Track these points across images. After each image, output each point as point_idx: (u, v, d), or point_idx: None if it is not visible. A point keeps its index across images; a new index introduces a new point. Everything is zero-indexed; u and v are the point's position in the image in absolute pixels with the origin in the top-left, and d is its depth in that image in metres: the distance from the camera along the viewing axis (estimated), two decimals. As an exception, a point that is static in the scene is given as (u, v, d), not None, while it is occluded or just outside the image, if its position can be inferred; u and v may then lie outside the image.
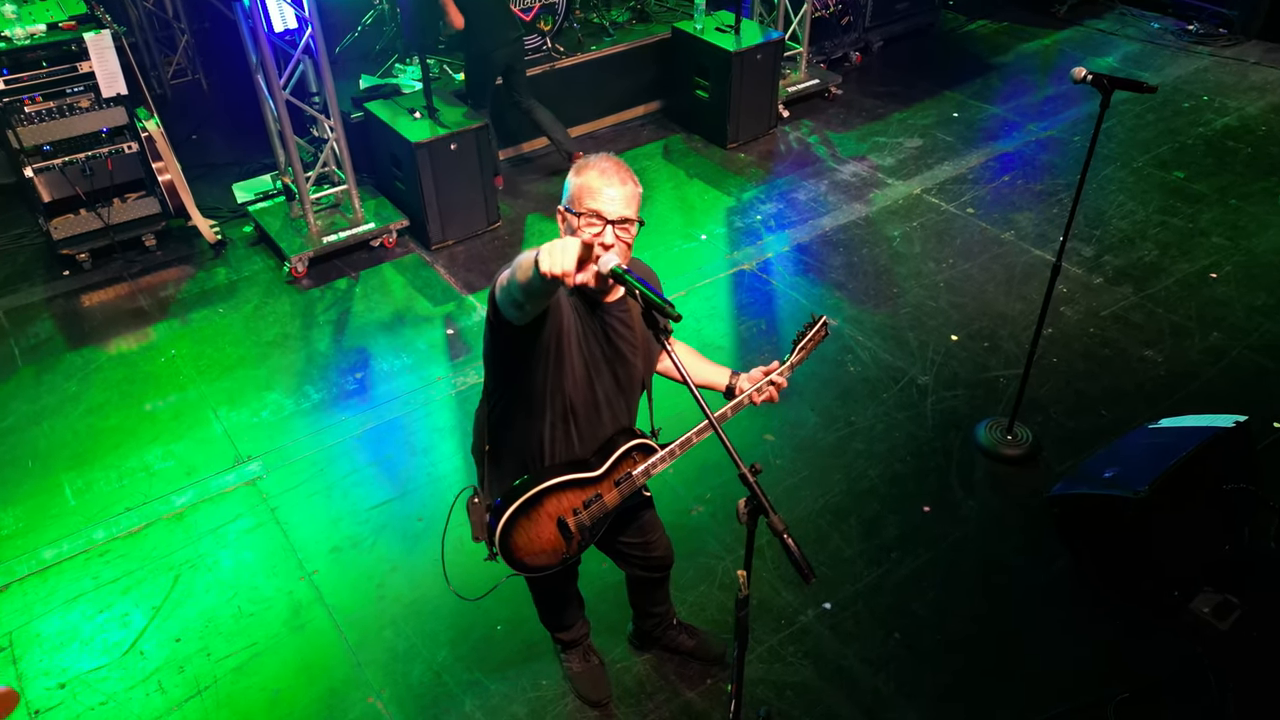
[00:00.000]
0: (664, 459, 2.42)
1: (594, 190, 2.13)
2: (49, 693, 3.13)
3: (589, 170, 2.17)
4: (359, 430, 4.16)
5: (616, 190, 2.15)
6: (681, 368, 2.03)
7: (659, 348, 2.39)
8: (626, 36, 6.58)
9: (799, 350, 2.54)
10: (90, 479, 3.93)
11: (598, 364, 2.31)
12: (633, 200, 2.19)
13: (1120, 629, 3.30)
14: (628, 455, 2.43)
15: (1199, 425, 3.51)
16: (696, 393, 1.99)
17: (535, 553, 2.46)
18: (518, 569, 2.47)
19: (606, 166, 2.17)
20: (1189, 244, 5.32)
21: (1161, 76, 7.24)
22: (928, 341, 4.64)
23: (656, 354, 2.47)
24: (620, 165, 2.21)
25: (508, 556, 2.44)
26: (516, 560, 2.46)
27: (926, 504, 3.78)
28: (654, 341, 2.36)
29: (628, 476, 2.43)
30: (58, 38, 4.68)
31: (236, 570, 3.55)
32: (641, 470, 2.43)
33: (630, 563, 2.83)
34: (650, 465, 2.42)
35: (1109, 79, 3.18)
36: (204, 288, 5.10)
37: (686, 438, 2.39)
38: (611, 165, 2.18)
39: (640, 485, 2.46)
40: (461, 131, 5.14)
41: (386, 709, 3.08)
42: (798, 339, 2.56)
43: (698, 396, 1.98)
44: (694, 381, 2.43)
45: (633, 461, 2.44)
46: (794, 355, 2.53)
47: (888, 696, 3.11)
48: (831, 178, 6.06)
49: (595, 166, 2.17)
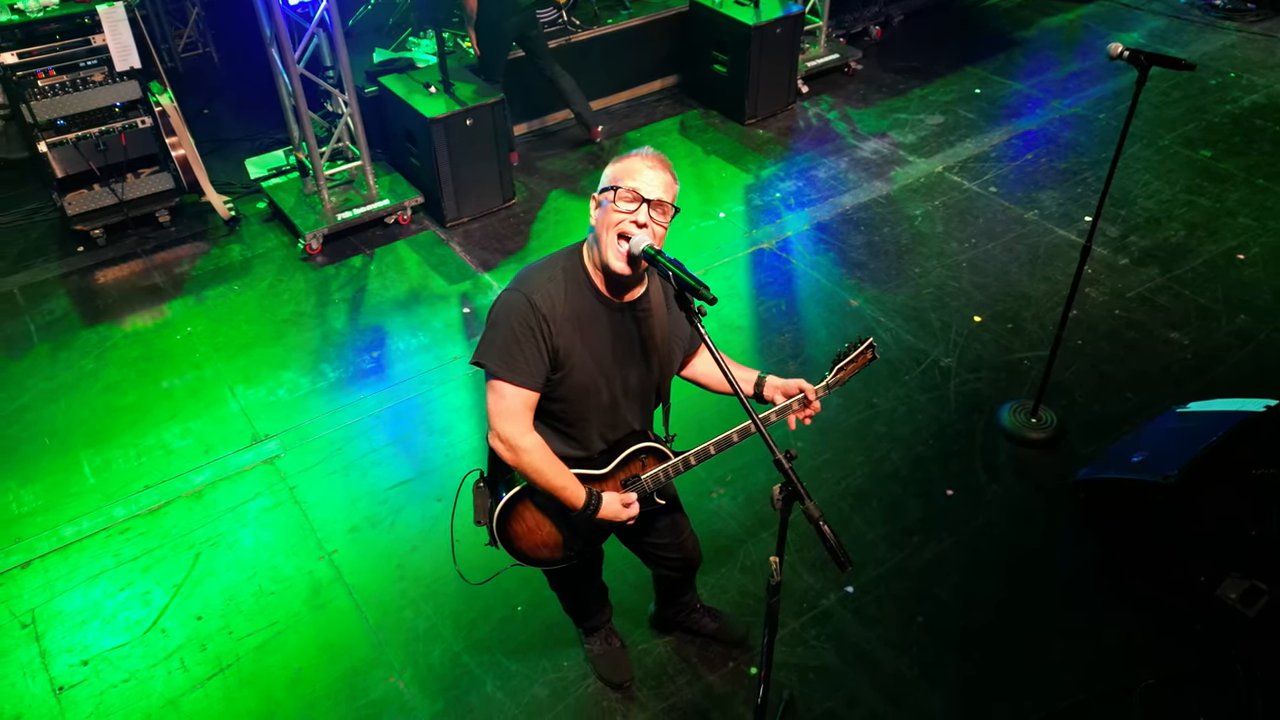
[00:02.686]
0: (676, 468, 2.38)
1: (635, 171, 2.12)
2: (71, 670, 3.14)
3: (631, 157, 2.16)
4: (376, 410, 4.13)
5: (657, 175, 2.13)
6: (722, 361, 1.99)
7: (679, 354, 2.39)
8: (643, 10, 6.47)
9: (838, 371, 2.41)
10: (109, 456, 3.92)
11: (609, 368, 2.27)
12: (670, 188, 2.16)
13: (1146, 616, 3.27)
14: (635, 458, 2.39)
15: (1229, 409, 3.46)
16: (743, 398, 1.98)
17: (536, 545, 2.45)
18: (519, 559, 2.47)
19: (649, 154, 2.18)
20: (1216, 224, 5.23)
21: (1188, 52, 7.09)
22: (950, 323, 4.58)
23: (676, 360, 2.41)
24: (663, 158, 2.19)
25: (507, 545, 2.44)
26: (516, 550, 2.45)
27: (949, 487, 3.75)
28: (672, 346, 2.33)
29: (635, 479, 2.40)
30: (71, 10, 4.62)
31: (257, 549, 3.55)
32: (650, 476, 2.39)
33: (658, 563, 2.80)
34: (661, 471, 2.38)
35: (1146, 55, 3.11)
36: (218, 264, 5.07)
37: (703, 448, 2.35)
38: (655, 155, 2.19)
39: (653, 490, 2.42)
40: (477, 106, 5.07)
41: (408, 689, 3.08)
42: (838, 358, 2.42)
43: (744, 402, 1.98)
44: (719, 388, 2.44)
45: (641, 465, 2.40)
46: (832, 375, 2.42)
47: (911, 680, 3.09)
48: (852, 155, 5.97)
49: (638, 154, 2.17)
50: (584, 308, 2.18)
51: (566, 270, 2.18)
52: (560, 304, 2.14)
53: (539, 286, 2.15)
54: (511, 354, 2.14)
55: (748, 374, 2.47)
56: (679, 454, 2.40)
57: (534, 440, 2.23)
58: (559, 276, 2.17)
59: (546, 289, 2.15)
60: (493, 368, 2.16)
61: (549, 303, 2.13)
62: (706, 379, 2.53)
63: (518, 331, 2.13)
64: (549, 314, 2.13)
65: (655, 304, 2.29)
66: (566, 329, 2.16)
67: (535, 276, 2.18)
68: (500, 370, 2.15)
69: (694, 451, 2.36)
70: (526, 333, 2.13)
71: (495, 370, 2.16)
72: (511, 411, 2.19)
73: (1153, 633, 3.21)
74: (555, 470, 2.26)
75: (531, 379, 2.17)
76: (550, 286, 2.15)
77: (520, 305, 2.13)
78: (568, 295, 2.16)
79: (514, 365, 2.15)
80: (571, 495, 2.28)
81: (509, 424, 2.20)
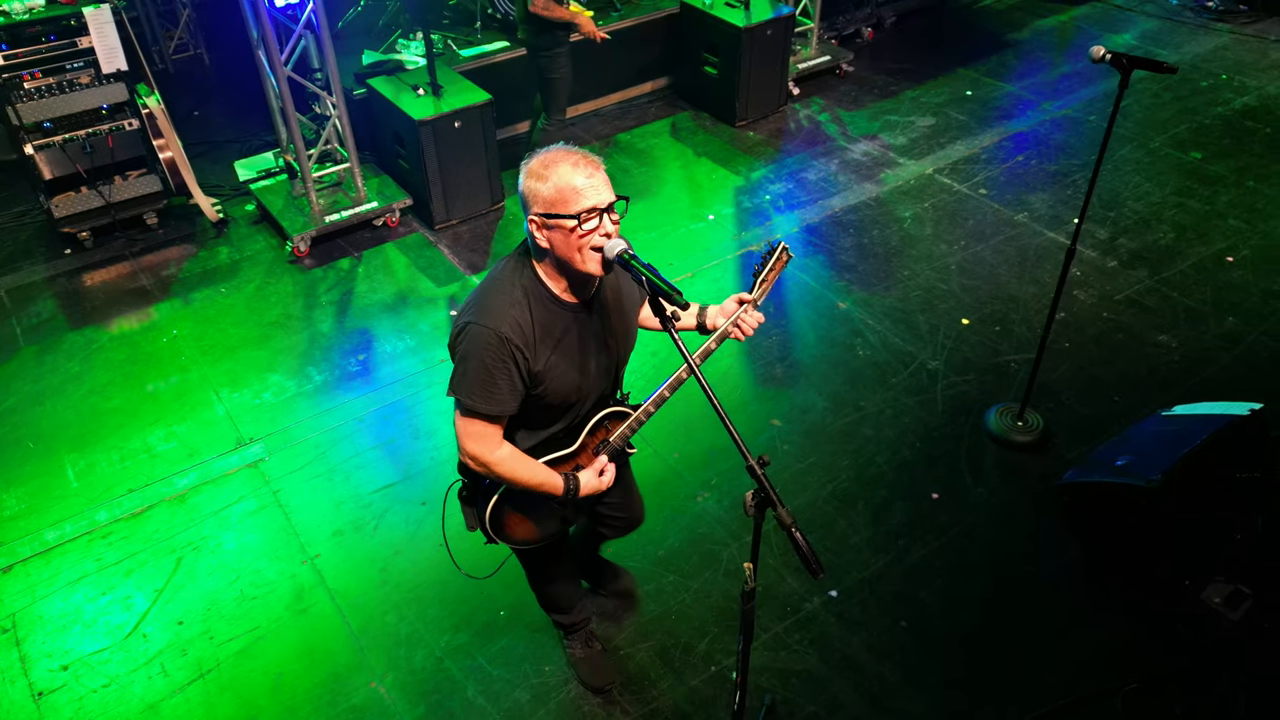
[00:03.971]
0: (639, 420, 2.42)
1: (578, 188, 2.00)
2: (51, 674, 3.13)
3: (557, 169, 2.01)
4: (362, 413, 4.12)
5: (597, 178, 2.03)
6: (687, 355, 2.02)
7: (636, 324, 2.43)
8: (634, 12, 6.45)
9: (760, 284, 2.46)
10: (92, 460, 3.91)
11: (583, 366, 2.26)
12: (608, 180, 2.09)
13: (1130, 619, 3.26)
14: (600, 425, 2.43)
15: (1213, 413, 3.45)
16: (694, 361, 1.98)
17: (532, 529, 2.51)
18: (520, 546, 2.55)
19: (573, 159, 2.03)
20: (1205, 226, 5.22)
21: (1180, 54, 7.09)
22: (938, 325, 4.57)
23: (634, 334, 2.44)
24: (582, 152, 2.06)
25: (505, 538, 2.50)
26: (517, 540, 2.52)
27: (935, 491, 3.74)
28: (630, 323, 2.37)
29: (605, 443, 2.45)
30: (57, 12, 4.60)
31: (239, 553, 3.53)
32: (618, 436, 2.44)
33: (608, 524, 2.84)
34: (626, 428, 2.43)
35: (1128, 58, 3.09)
36: (206, 267, 5.06)
37: (659, 394, 2.37)
38: (576, 156, 2.04)
39: (620, 448, 2.47)
40: (466, 109, 5.06)
41: (389, 694, 3.07)
42: (757, 272, 2.48)
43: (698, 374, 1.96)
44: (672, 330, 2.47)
45: (606, 429, 2.45)
46: (756, 290, 2.45)
47: (894, 685, 3.08)
48: (842, 157, 5.97)
49: (560, 164, 2.02)
50: (552, 322, 2.15)
51: (526, 289, 2.12)
52: (529, 327, 2.10)
53: (504, 315, 2.08)
54: (485, 387, 2.12)
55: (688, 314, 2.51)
56: (637, 407, 2.43)
57: (505, 451, 2.25)
58: (521, 299, 2.11)
59: (512, 316, 2.08)
60: (468, 403, 2.15)
61: (519, 331, 2.08)
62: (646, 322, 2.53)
63: (490, 366, 2.09)
64: (523, 343, 2.09)
65: (609, 284, 2.29)
66: (541, 350, 2.14)
67: (496, 304, 2.10)
68: (476, 404, 2.15)
69: (650, 400, 2.39)
70: (500, 367, 2.09)
71: (471, 405, 2.15)
72: (482, 435, 2.21)
73: (1137, 636, 3.21)
74: (529, 470, 2.30)
75: (504, 408, 2.17)
76: (515, 312, 2.09)
77: (490, 341, 2.07)
78: (534, 316, 2.11)
79: (489, 399, 2.14)
80: (550, 487, 2.33)
81: (478, 445, 2.22)
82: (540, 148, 2.10)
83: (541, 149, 2.08)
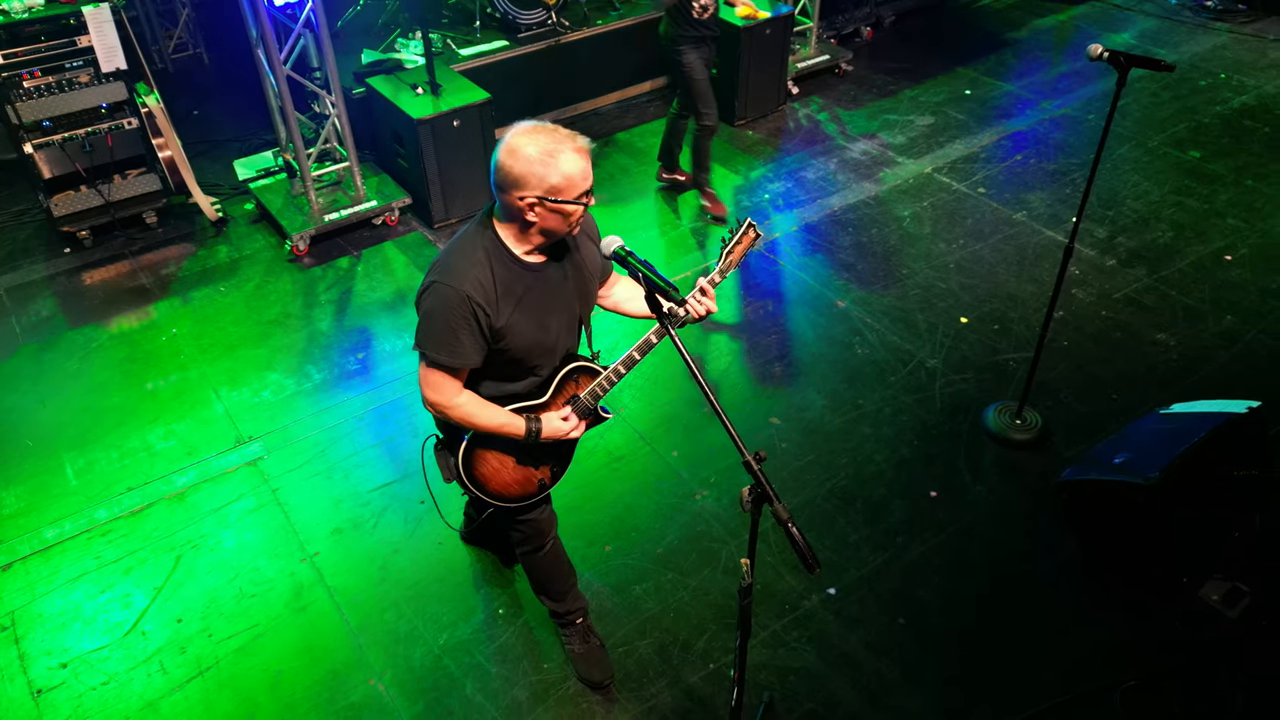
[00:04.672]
0: (609, 378, 2.48)
1: (580, 176, 2.14)
2: (51, 672, 3.13)
3: (562, 158, 2.12)
4: (361, 411, 4.13)
5: (589, 161, 2.17)
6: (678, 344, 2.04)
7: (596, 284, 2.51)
8: (633, 11, 6.46)
9: (726, 257, 2.47)
10: (92, 458, 3.91)
11: (546, 321, 2.36)
12: None
13: (1128, 617, 3.26)
14: (569, 378, 2.51)
15: (1211, 410, 3.46)
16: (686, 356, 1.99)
17: (507, 483, 2.58)
18: (497, 500, 2.60)
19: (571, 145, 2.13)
20: (1204, 225, 5.23)
21: (1179, 54, 7.10)
22: (937, 324, 4.57)
23: (594, 291, 2.51)
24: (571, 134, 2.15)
25: (481, 490, 2.56)
26: (490, 492, 2.58)
27: (934, 489, 3.74)
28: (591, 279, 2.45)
29: (575, 399, 2.51)
30: (56, 11, 4.61)
31: (238, 551, 3.54)
32: (588, 392, 2.50)
33: None
34: (596, 385, 2.49)
35: (1126, 57, 3.10)
36: (205, 266, 5.06)
37: (628, 355, 2.43)
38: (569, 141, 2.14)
39: (594, 407, 2.53)
40: (465, 108, 5.06)
41: (388, 691, 3.07)
42: (724, 244, 2.49)
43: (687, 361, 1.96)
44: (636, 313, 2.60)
45: (575, 384, 2.52)
46: (721, 262, 2.47)
47: (892, 682, 3.08)
48: (841, 156, 5.97)
49: (562, 152, 2.12)
50: (513, 281, 2.25)
51: (488, 250, 2.23)
52: (491, 286, 2.21)
53: (467, 275, 2.20)
54: (448, 342, 2.24)
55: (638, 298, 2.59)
56: (607, 367, 2.50)
57: (465, 397, 2.36)
58: (483, 259, 2.22)
59: (474, 275, 2.20)
60: (432, 355, 2.27)
61: (481, 290, 2.20)
62: (623, 304, 2.64)
63: (453, 323, 2.21)
64: (484, 301, 2.20)
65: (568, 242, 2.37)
66: (504, 307, 2.24)
67: (459, 264, 2.22)
68: (440, 358, 2.27)
69: (620, 361, 2.46)
70: (462, 323, 2.21)
71: (435, 358, 2.27)
72: (441, 384, 2.32)
73: (1135, 634, 3.21)
74: (488, 413, 2.39)
75: (467, 361, 2.28)
76: (476, 271, 2.20)
77: (452, 298, 2.19)
78: (495, 274, 2.22)
79: (451, 352, 2.26)
80: (512, 429, 2.42)
81: (440, 393, 2.34)
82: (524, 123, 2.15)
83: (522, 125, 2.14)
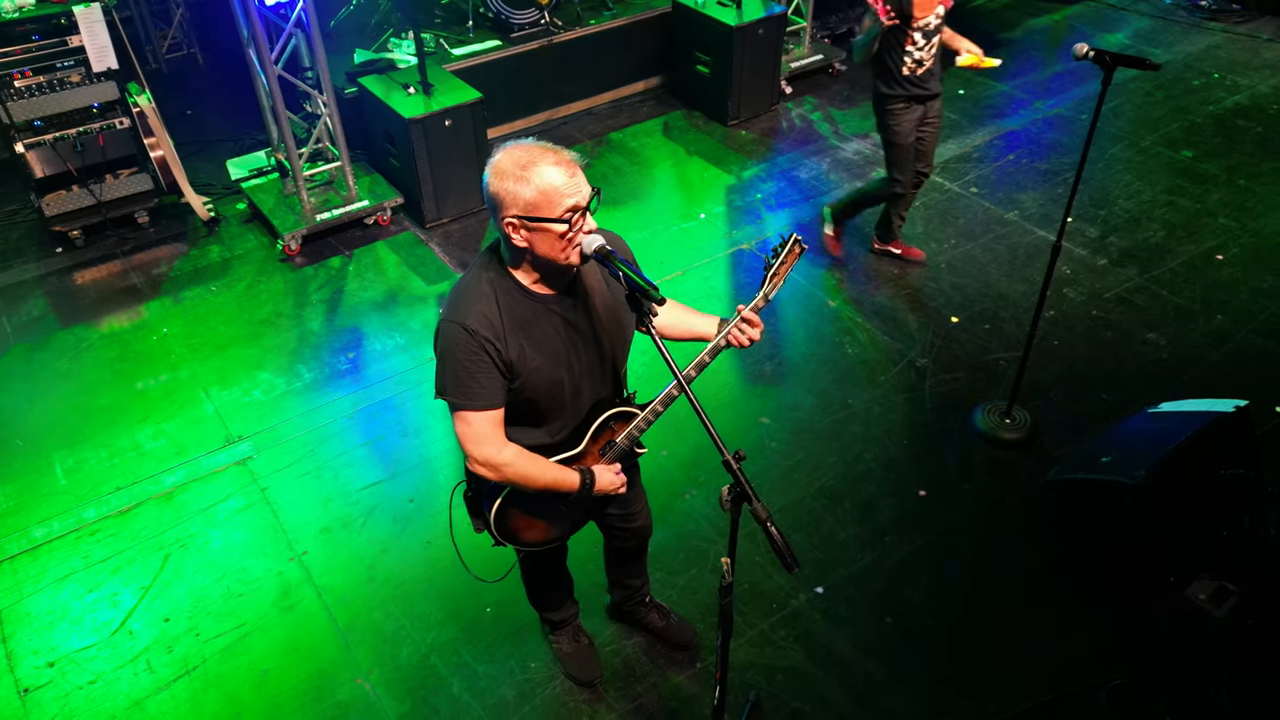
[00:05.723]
0: (647, 419, 2.39)
1: (561, 189, 1.98)
2: (38, 671, 3.13)
3: (537, 170, 1.97)
4: (351, 411, 4.13)
5: (578, 175, 2.01)
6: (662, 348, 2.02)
7: (633, 322, 2.34)
8: (626, 11, 6.46)
9: (771, 279, 2.32)
10: (81, 458, 3.91)
11: (566, 358, 2.24)
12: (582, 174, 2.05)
13: (1116, 616, 3.26)
14: (606, 426, 2.40)
15: (1199, 410, 3.46)
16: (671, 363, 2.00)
17: (541, 530, 2.49)
18: (528, 546, 2.52)
19: (551, 157, 1.99)
20: (1196, 225, 5.23)
21: (1172, 53, 7.10)
22: (928, 323, 4.58)
23: (630, 325, 2.37)
24: (552, 147, 2.02)
25: (512, 539, 2.48)
26: (524, 541, 2.50)
27: (922, 488, 3.74)
28: (624, 311, 2.30)
29: (612, 444, 2.42)
30: (47, 11, 4.61)
31: (226, 550, 3.54)
32: (625, 436, 2.41)
33: (611, 532, 2.83)
34: (634, 428, 2.40)
35: (1111, 56, 3.11)
36: (197, 265, 5.06)
37: (666, 393, 2.32)
38: (551, 153, 2.00)
39: (628, 448, 2.44)
40: (456, 108, 5.06)
41: (374, 690, 3.07)
42: (768, 265, 2.31)
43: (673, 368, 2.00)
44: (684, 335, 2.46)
45: (612, 430, 2.42)
46: (767, 285, 2.32)
47: (879, 681, 3.08)
48: (834, 156, 5.97)
49: (539, 164, 1.98)
50: (522, 314, 2.15)
51: (493, 283, 2.13)
52: (497, 319, 2.11)
53: (470, 310, 2.10)
54: (465, 383, 2.14)
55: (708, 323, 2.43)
56: (644, 407, 2.39)
57: (511, 452, 2.24)
58: (488, 291, 2.12)
59: (478, 309, 2.10)
60: (452, 399, 2.18)
61: (486, 323, 2.10)
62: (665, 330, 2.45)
63: (464, 361, 2.12)
64: (490, 334, 2.10)
65: (591, 283, 2.26)
66: (512, 341, 2.14)
67: (463, 300, 2.13)
68: (461, 400, 2.17)
69: (658, 399, 2.35)
70: (473, 360, 2.11)
71: (456, 401, 2.17)
72: (482, 435, 2.20)
73: (1122, 632, 3.21)
74: (540, 469, 2.29)
75: (492, 400, 2.17)
76: (481, 305, 2.11)
77: (458, 336, 2.10)
78: (502, 307, 2.12)
79: (471, 393, 2.15)
80: (566, 484, 2.32)
81: (483, 448, 2.21)
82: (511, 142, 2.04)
83: (507, 144, 2.04)
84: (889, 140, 4.43)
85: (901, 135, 4.35)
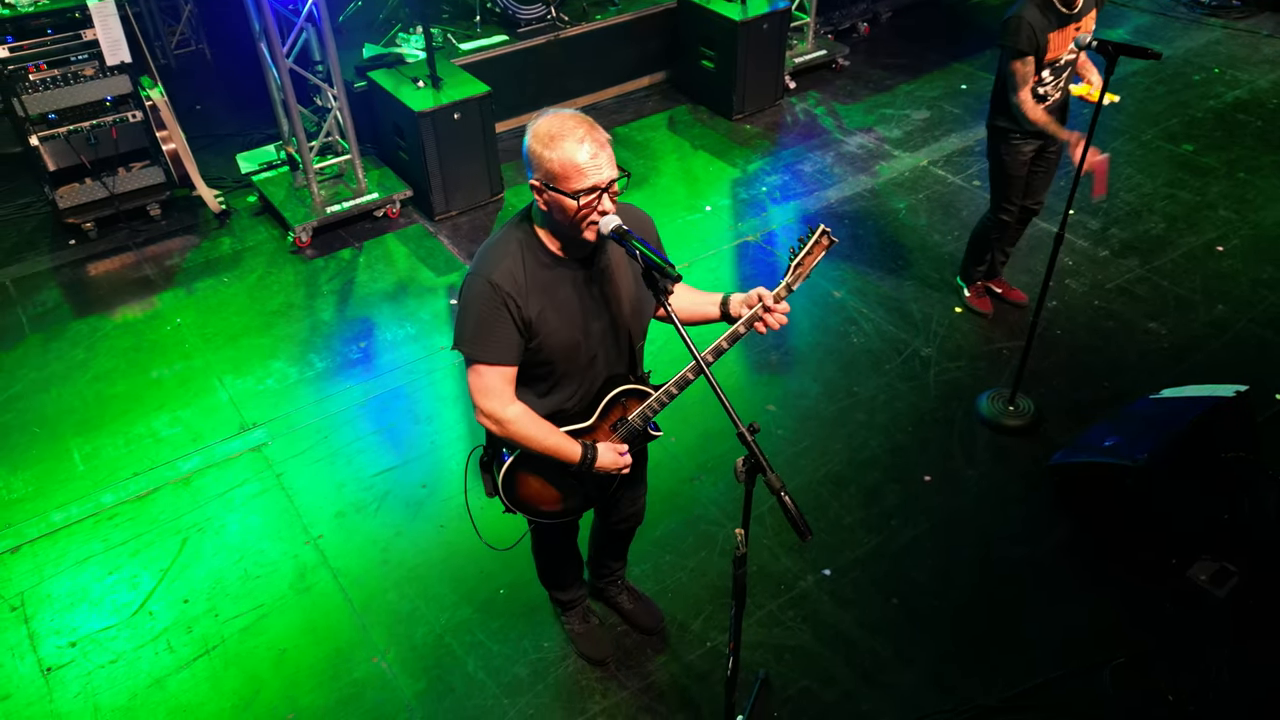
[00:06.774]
0: (660, 400, 2.40)
1: (581, 167, 2.00)
2: (60, 650, 3.19)
3: (564, 144, 2.00)
4: (363, 398, 4.18)
5: (601, 156, 2.02)
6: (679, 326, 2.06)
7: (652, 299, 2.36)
8: (631, 6, 6.52)
9: (795, 269, 2.27)
10: (98, 444, 3.97)
11: (584, 325, 2.28)
12: (613, 157, 2.06)
13: (1118, 597, 3.32)
14: (617, 402, 2.43)
15: (1200, 395, 3.52)
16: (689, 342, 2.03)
17: (551, 500, 2.53)
18: (537, 516, 2.56)
19: (580, 133, 2.01)
20: (1196, 217, 5.29)
21: (1172, 48, 7.15)
22: (932, 313, 4.63)
23: (649, 305, 2.40)
24: (588, 123, 2.04)
25: (523, 508, 2.53)
26: (534, 510, 2.54)
27: (927, 474, 3.80)
28: (644, 290, 2.32)
29: (623, 421, 2.45)
30: (61, 5, 4.66)
31: (243, 534, 3.59)
32: (637, 415, 2.43)
33: (611, 512, 2.88)
34: (646, 408, 2.42)
35: (1113, 45, 3.15)
36: (208, 257, 5.12)
37: (681, 375, 2.35)
38: (583, 129, 2.02)
39: (641, 428, 2.46)
40: (465, 101, 5.12)
41: (391, 668, 3.13)
42: (794, 255, 2.26)
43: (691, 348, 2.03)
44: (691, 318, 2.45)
45: (623, 408, 2.44)
46: (790, 275, 2.30)
47: (885, 660, 3.14)
48: (838, 149, 6.03)
49: (567, 138, 2.00)
50: (546, 275, 2.21)
51: (521, 242, 2.20)
52: (521, 277, 2.18)
53: (497, 265, 2.17)
54: (483, 336, 2.20)
55: (712, 298, 2.44)
56: (658, 388, 2.41)
57: (517, 409, 2.29)
58: (515, 250, 2.19)
59: (505, 266, 2.17)
60: (468, 351, 2.23)
61: (510, 279, 2.16)
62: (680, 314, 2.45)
63: (484, 314, 2.18)
64: (513, 290, 2.16)
65: (617, 257, 2.31)
66: (534, 300, 2.20)
67: (491, 256, 2.20)
68: (475, 352, 2.22)
69: (672, 381, 2.36)
70: (493, 313, 2.17)
71: (471, 353, 2.23)
72: (491, 389, 2.26)
73: (1124, 613, 3.27)
74: (544, 432, 2.32)
75: (506, 355, 2.23)
76: (508, 262, 2.17)
77: (482, 289, 2.17)
78: (527, 267, 2.18)
79: (487, 346, 2.21)
80: (566, 452, 2.35)
81: (490, 400, 2.27)
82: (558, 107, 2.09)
83: (553, 110, 2.09)
84: (999, 170, 4.15)
85: (1014, 167, 4.09)
